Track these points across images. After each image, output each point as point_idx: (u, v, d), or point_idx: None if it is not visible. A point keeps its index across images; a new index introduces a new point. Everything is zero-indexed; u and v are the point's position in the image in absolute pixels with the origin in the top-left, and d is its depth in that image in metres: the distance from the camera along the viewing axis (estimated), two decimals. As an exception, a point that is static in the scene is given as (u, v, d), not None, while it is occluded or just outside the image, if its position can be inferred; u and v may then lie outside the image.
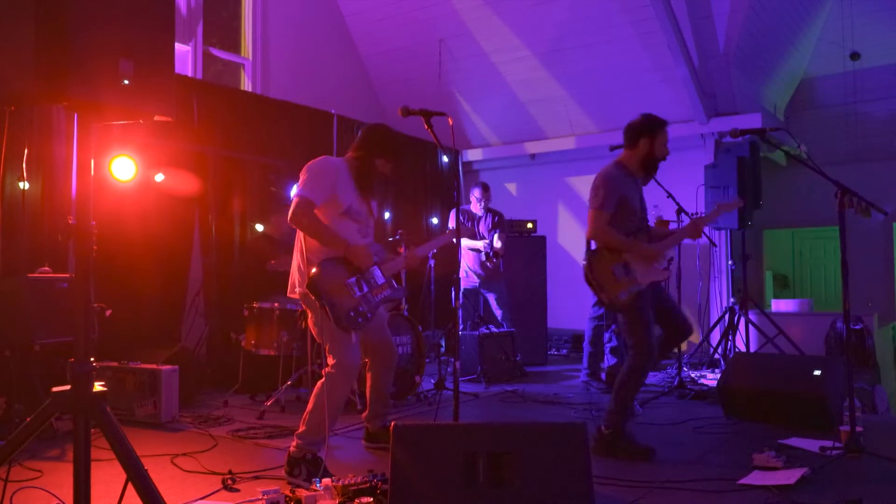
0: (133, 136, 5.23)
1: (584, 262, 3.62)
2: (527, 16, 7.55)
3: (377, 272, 3.39)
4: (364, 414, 3.83)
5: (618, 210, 3.64)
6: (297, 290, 3.32)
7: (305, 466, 3.14)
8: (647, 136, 3.76)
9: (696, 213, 5.75)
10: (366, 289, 3.32)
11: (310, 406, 3.21)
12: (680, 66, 7.02)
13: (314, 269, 3.18)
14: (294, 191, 3.26)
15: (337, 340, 3.23)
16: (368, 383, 3.73)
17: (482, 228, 6.46)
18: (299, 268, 3.31)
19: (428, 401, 5.06)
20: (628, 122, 3.90)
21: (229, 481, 3.09)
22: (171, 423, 4.30)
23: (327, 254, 3.25)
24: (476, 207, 6.49)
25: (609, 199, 3.62)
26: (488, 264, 6.34)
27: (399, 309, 5.25)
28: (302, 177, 3.29)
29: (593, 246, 3.68)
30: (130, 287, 5.29)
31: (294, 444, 3.20)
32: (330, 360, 3.24)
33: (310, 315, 3.32)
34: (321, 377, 4.89)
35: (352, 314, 3.19)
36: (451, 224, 6.26)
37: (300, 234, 3.33)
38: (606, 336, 5.61)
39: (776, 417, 4.15)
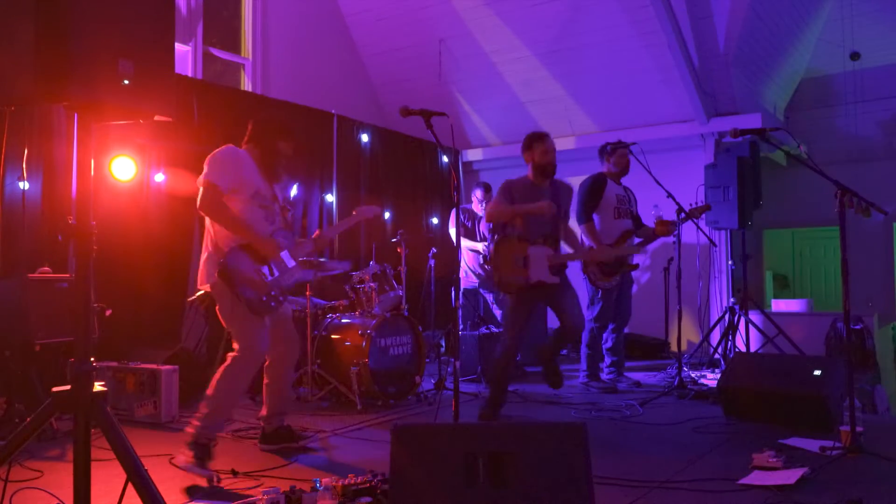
0: (133, 136, 5.23)
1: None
2: (527, 16, 7.55)
3: (286, 256, 3.47)
4: (261, 413, 3.72)
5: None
6: (207, 282, 3.34)
7: (205, 452, 3.19)
8: (526, 151, 4.49)
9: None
10: (276, 273, 3.40)
11: (210, 391, 3.28)
12: (680, 66, 7.02)
13: (223, 257, 3.25)
14: (199, 179, 3.34)
15: (247, 326, 3.29)
16: (266, 379, 3.66)
17: (483, 228, 6.46)
18: (209, 257, 3.35)
19: (428, 401, 5.06)
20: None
21: (229, 477, 3.10)
22: (171, 423, 4.30)
23: (236, 241, 3.31)
24: (477, 208, 6.51)
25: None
26: (487, 266, 6.35)
27: (399, 309, 5.25)
28: (206, 166, 3.36)
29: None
30: (130, 287, 5.29)
31: (194, 428, 3.23)
32: (236, 346, 3.31)
33: (217, 304, 3.35)
34: (322, 378, 4.89)
35: (264, 298, 3.29)
36: (452, 224, 6.26)
37: (209, 224, 3.39)
38: (604, 336, 5.62)
39: (776, 417, 4.15)
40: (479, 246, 6.32)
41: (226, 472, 3.18)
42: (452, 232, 6.27)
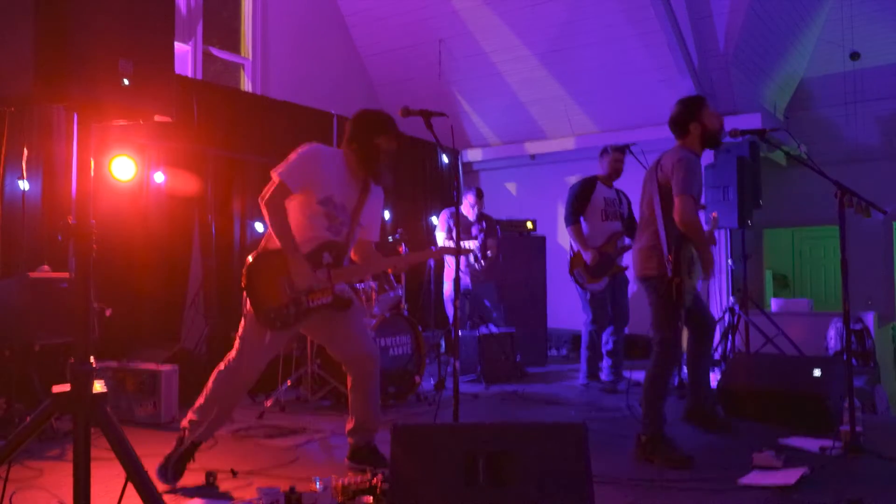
0: (133, 136, 5.23)
1: (674, 252, 3.46)
2: (527, 16, 7.55)
3: (322, 278, 3.12)
4: (348, 426, 3.40)
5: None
6: None
7: (191, 451, 3.11)
8: (693, 120, 3.66)
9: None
10: (300, 291, 3.10)
11: (207, 391, 3.16)
12: (680, 66, 7.02)
13: (251, 256, 3.08)
14: (276, 169, 3.11)
15: (250, 335, 3.10)
16: (349, 392, 3.37)
17: (473, 232, 6.47)
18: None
19: (428, 401, 5.06)
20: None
21: (228, 477, 3.10)
22: (171, 423, 4.29)
23: (275, 245, 3.09)
24: (469, 212, 6.48)
25: (695, 183, 3.51)
26: (476, 266, 6.35)
27: (399, 309, 5.25)
28: (289, 157, 3.13)
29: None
30: (130, 287, 5.29)
31: (188, 421, 3.14)
32: (234, 352, 3.14)
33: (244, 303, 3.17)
34: (322, 378, 4.88)
35: (272, 314, 3.04)
36: (443, 225, 6.24)
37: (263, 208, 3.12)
38: (604, 338, 5.62)
39: (776, 417, 4.15)
40: (471, 244, 6.32)
41: (225, 471, 3.18)
42: (440, 236, 6.24)
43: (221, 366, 3.18)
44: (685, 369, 4.00)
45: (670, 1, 6.68)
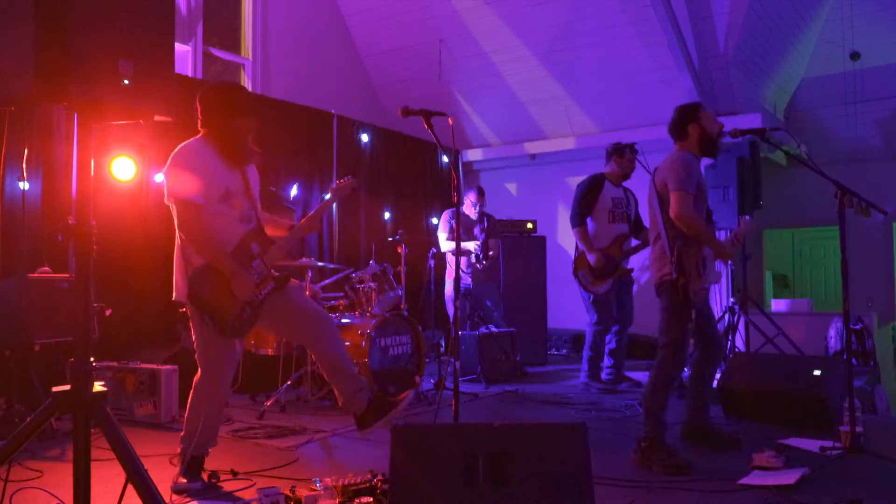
0: (133, 136, 5.23)
1: (677, 254, 3.40)
2: (527, 16, 7.55)
3: (257, 266, 3.05)
4: (340, 402, 3.27)
5: (695, 197, 3.50)
6: (179, 297, 3.04)
7: (184, 469, 3.03)
8: (692, 122, 3.63)
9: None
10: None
11: (186, 413, 3.10)
12: (680, 66, 7.02)
13: (190, 279, 2.93)
14: (166, 188, 2.95)
15: (211, 349, 3.05)
16: (320, 367, 3.25)
17: (476, 231, 6.46)
18: (180, 270, 3.00)
19: (428, 401, 5.06)
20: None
21: (228, 477, 3.10)
22: (171, 423, 4.29)
23: (205, 260, 2.96)
24: (471, 211, 6.47)
25: (690, 181, 3.46)
26: (478, 265, 6.35)
27: (399, 309, 5.25)
28: (172, 174, 2.94)
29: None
30: (130, 287, 5.29)
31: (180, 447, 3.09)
32: (199, 372, 3.10)
33: (190, 319, 3.10)
34: (322, 378, 4.88)
35: (236, 324, 2.98)
36: (444, 226, 6.23)
37: (180, 233, 2.98)
38: (607, 338, 5.61)
39: (776, 417, 4.15)
40: (471, 245, 6.31)
41: (226, 472, 3.18)
42: (442, 236, 6.22)
43: (192, 390, 3.13)
44: (687, 371, 3.95)
45: (670, 1, 6.68)
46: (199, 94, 3.16)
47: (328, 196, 3.45)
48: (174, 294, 3.06)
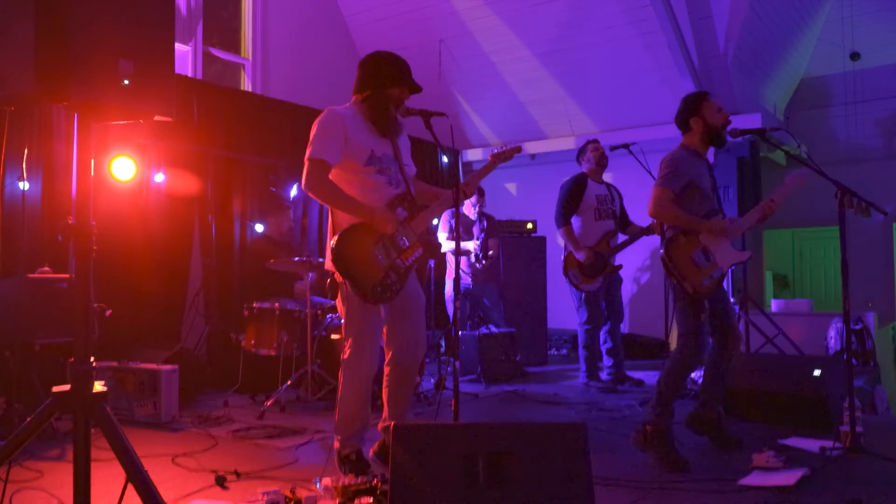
0: (133, 136, 5.23)
1: (662, 252, 3.46)
2: (527, 16, 7.55)
3: (406, 231, 3.07)
4: (381, 423, 3.30)
5: (685, 193, 3.50)
6: (328, 263, 3.05)
7: (350, 466, 3.04)
8: (694, 115, 3.61)
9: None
10: (393, 255, 3.01)
11: (338, 394, 3.08)
12: (680, 66, 7.02)
13: (332, 241, 2.93)
14: (307, 153, 2.99)
15: (358, 319, 3.00)
16: (385, 378, 3.25)
17: (475, 231, 6.46)
18: (329, 241, 3.03)
19: (428, 401, 5.06)
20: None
21: (231, 478, 3.10)
22: (171, 423, 4.29)
23: (352, 220, 2.97)
24: (470, 211, 6.47)
25: (675, 178, 3.47)
26: (478, 265, 6.35)
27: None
28: (311, 135, 2.99)
29: (668, 234, 3.54)
30: (130, 287, 5.29)
31: (335, 440, 3.11)
32: (346, 346, 3.05)
33: (339, 291, 3.06)
34: (322, 378, 4.89)
35: (378, 288, 2.94)
36: (444, 225, 6.23)
37: (310, 194, 3.04)
38: (602, 337, 5.62)
39: (776, 417, 4.15)
40: (471, 245, 6.31)
41: (227, 472, 3.18)
42: (442, 236, 6.22)
43: (341, 368, 3.09)
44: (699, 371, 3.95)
45: (670, 1, 6.68)
46: (362, 60, 3.21)
47: (489, 159, 3.47)
48: (325, 263, 3.09)
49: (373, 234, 2.98)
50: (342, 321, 3.12)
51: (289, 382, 4.82)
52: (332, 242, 2.96)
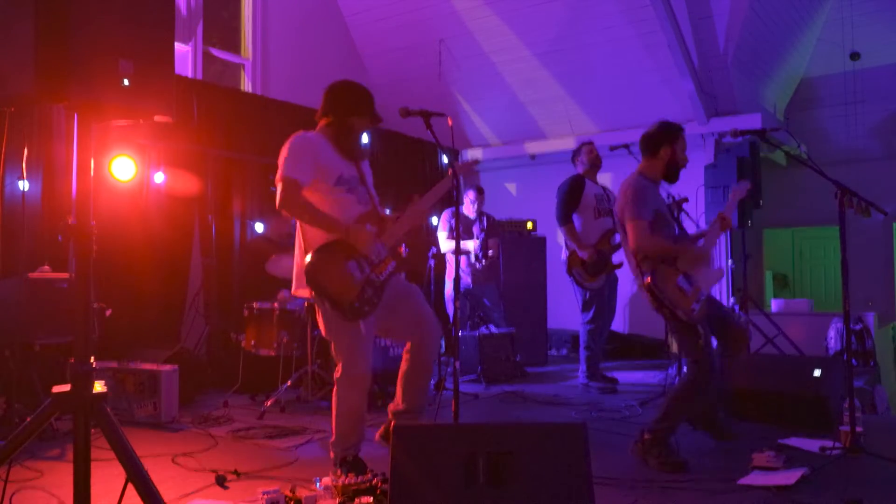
0: (133, 136, 5.23)
1: (647, 283, 3.38)
2: (527, 16, 7.55)
3: (378, 246, 3.11)
4: (392, 405, 3.35)
5: (654, 222, 3.48)
6: (297, 288, 3.12)
7: (348, 466, 3.06)
8: (668, 144, 3.60)
9: (696, 215, 5.75)
10: (367, 269, 3.04)
11: (332, 413, 3.11)
12: (680, 66, 7.02)
13: (307, 260, 2.96)
14: (278, 175, 3.06)
15: (344, 338, 3.02)
16: (403, 366, 3.29)
17: (475, 230, 6.46)
18: (300, 261, 3.08)
19: (428, 401, 5.05)
20: (642, 130, 3.74)
21: (231, 477, 3.10)
22: (171, 423, 4.29)
23: (322, 239, 3.01)
24: (470, 210, 6.47)
25: (645, 207, 3.46)
26: (477, 265, 6.35)
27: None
28: (281, 158, 3.07)
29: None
30: (130, 287, 5.29)
31: (331, 452, 3.13)
32: (338, 366, 3.08)
33: (317, 310, 3.11)
34: (322, 378, 4.89)
35: (356, 304, 2.96)
36: (444, 225, 6.23)
37: (299, 224, 3.13)
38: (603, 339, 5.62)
39: (776, 417, 4.15)
40: (470, 244, 6.31)
41: (227, 472, 3.18)
42: (441, 235, 6.22)
43: (334, 388, 3.12)
44: None
45: (670, 1, 6.68)
46: (328, 87, 3.34)
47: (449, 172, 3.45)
48: (293, 287, 3.14)
49: (345, 251, 3.01)
50: (331, 344, 3.12)
51: (289, 382, 4.82)
52: (306, 260, 2.98)
